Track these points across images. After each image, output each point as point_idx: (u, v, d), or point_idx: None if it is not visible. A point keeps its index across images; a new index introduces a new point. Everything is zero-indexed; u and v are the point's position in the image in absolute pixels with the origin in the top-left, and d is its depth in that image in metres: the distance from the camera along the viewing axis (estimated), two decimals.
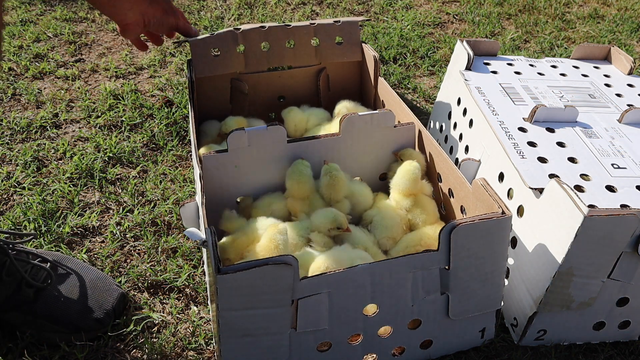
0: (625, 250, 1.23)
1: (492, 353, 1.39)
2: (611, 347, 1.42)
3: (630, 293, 1.32)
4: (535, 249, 1.32)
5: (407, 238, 1.49)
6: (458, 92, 1.85)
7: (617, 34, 3.01)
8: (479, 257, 1.21)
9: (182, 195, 1.86)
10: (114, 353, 1.40)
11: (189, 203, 1.35)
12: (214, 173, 1.51)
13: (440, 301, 1.26)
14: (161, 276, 1.58)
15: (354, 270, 1.15)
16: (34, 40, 2.79)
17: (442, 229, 1.16)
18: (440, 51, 2.78)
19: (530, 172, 1.40)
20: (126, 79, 2.51)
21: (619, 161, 1.48)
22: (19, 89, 2.40)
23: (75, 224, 1.74)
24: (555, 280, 1.26)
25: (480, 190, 1.27)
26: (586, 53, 2.07)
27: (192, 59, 1.81)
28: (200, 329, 1.45)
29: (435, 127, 2.06)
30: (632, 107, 1.65)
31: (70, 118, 2.24)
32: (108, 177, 1.94)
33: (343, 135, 1.58)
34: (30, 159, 2.00)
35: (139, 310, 1.50)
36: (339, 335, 1.23)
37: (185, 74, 2.10)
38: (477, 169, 1.46)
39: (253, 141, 1.51)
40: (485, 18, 3.14)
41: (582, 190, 1.36)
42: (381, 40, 2.83)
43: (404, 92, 2.48)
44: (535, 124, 1.61)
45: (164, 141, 2.10)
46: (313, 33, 1.93)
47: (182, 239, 1.70)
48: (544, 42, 2.89)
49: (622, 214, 1.18)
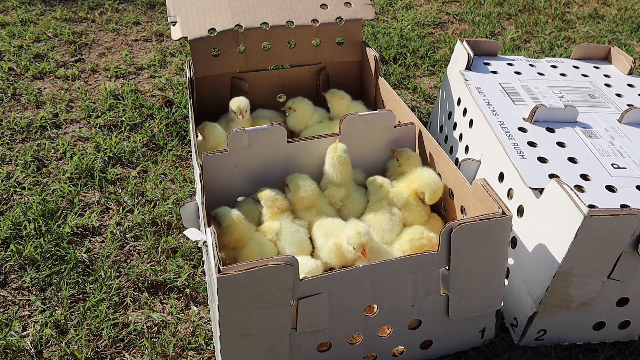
0: (625, 250, 1.23)
1: (492, 353, 1.39)
2: (611, 347, 1.42)
3: (630, 293, 1.32)
4: (535, 249, 1.32)
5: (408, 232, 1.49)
6: (458, 92, 1.85)
7: (617, 34, 3.01)
8: (479, 257, 1.21)
9: (182, 195, 1.86)
10: (114, 353, 1.40)
11: (189, 203, 1.35)
12: (214, 173, 1.51)
13: (440, 301, 1.26)
14: (161, 276, 1.58)
15: (354, 271, 1.15)
16: (34, 40, 2.79)
17: (442, 229, 1.16)
18: (440, 51, 2.78)
19: (530, 172, 1.40)
20: (126, 79, 2.51)
21: (619, 161, 1.48)
22: (19, 89, 2.40)
23: (75, 224, 1.74)
24: (555, 280, 1.26)
25: (480, 191, 1.27)
26: (586, 53, 2.07)
27: (192, 58, 1.81)
28: (200, 329, 1.45)
29: (435, 127, 2.06)
30: (632, 107, 1.65)
31: (70, 118, 2.24)
32: (108, 177, 1.94)
33: (343, 135, 1.58)
34: (30, 159, 2.00)
35: (139, 310, 1.50)
36: (339, 335, 1.23)
37: (185, 74, 2.10)
38: (477, 169, 1.46)
39: (253, 141, 1.51)
40: (485, 18, 3.14)
41: (582, 190, 1.36)
42: (381, 40, 2.83)
43: (404, 92, 2.48)
44: (535, 124, 1.61)
45: (164, 141, 2.10)
46: (315, 33, 1.93)
47: (182, 239, 1.70)
48: (544, 42, 2.89)
49: (622, 214, 1.18)
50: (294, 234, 1.45)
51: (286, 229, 1.46)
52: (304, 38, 1.93)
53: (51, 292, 1.53)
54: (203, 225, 1.27)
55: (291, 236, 1.45)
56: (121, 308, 1.51)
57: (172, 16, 1.82)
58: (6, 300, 1.52)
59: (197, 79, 1.82)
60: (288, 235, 1.45)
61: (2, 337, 1.41)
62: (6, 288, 1.56)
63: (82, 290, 1.55)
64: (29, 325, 1.46)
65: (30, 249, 1.63)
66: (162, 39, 2.87)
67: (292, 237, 1.45)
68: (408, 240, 1.45)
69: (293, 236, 1.45)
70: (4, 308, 1.51)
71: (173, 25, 1.82)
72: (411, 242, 1.45)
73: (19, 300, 1.53)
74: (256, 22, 1.85)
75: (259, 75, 1.97)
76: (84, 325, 1.45)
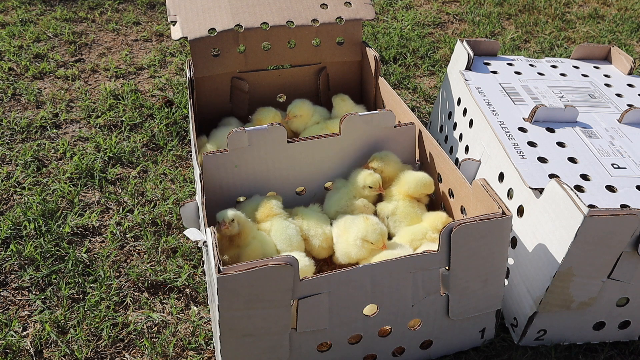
0: (625, 250, 1.23)
1: (492, 353, 1.39)
2: (611, 347, 1.42)
3: (630, 293, 1.32)
4: (535, 249, 1.32)
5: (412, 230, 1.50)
6: (458, 92, 1.85)
7: (617, 34, 3.01)
8: (479, 257, 1.21)
9: (182, 195, 1.86)
10: (114, 353, 1.40)
11: (189, 203, 1.35)
12: (214, 173, 1.51)
13: (440, 301, 1.26)
14: (161, 276, 1.58)
15: (354, 271, 1.15)
16: (34, 40, 2.79)
17: (442, 229, 1.16)
18: (440, 51, 2.78)
19: (530, 172, 1.40)
20: (126, 79, 2.51)
21: (619, 161, 1.48)
22: (19, 89, 2.40)
23: (75, 224, 1.74)
24: (555, 280, 1.26)
25: (480, 191, 1.27)
26: (586, 53, 2.07)
27: (192, 58, 1.81)
28: (200, 329, 1.45)
29: (435, 127, 2.06)
30: (632, 107, 1.65)
31: (70, 118, 2.24)
32: (108, 177, 1.94)
33: (343, 135, 1.58)
34: (30, 159, 2.00)
35: (139, 310, 1.50)
36: (339, 335, 1.23)
37: (185, 74, 2.10)
38: (477, 169, 1.46)
39: (253, 141, 1.51)
40: (485, 18, 3.14)
41: (582, 190, 1.36)
42: (381, 40, 2.83)
43: (404, 92, 2.48)
44: (535, 124, 1.61)
45: (164, 141, 2.10)
46: (315, 33, 1.93)
47: (182, 239, 1.70)
48: (544, 42, 2.89)
49: (622, 214, 1.18)
50: (284, 229, 1.46)
51: (276, 225, 1.47)
52: (304, 38, 1.93)
53: (51, 292, 1.53)
54: (203, 225, 1.27)
55: (281, 232, 1.46)
56: (121, 308, 1.51)
57: (172, 16, 1.82)
58: (6, 300, 1.53)
59: (197, 79, 1.82)
60: (278, 231, 1.46)
61: (2, 337, 1.41)
62: (6, 288, 1.56)
63: (82, 290, 1.55)
64: (29, 325, 1.46)
65: (30, 249, 1.63)
66: (162, 39, 2.87)
67: (282, 233, 1.46)
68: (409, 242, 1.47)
69: (283, 232, 1.46)
70: (4, 308, 1.51)
71: (173, 25, 1.82)
72: (412, 243, 1.47)
73: (19, 300, 1.53)
74: (256, 22, 1.85)
75: (259, 75, 1.97)
76: (84, 325, 1.45)
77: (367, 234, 1.40)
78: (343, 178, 1.64)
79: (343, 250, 1.46)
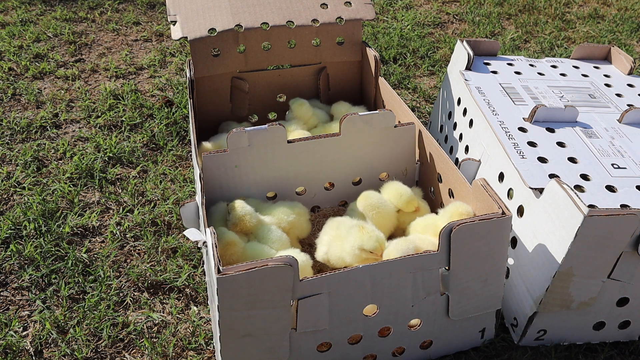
0: (625, 250, 1.23)
1: (492, 353, 1.39)
2: (611, 347, 1.42)
3: (630, 293, 1.32)
4: (535, 249, 1.32)
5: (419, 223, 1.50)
6: (458, 92, 1.85)
7: (617, 34, 3.01)
8: (479, 257, 1.21)
9: (182, 195, 1.86)
10: (114, 353, 1.40)
11: (189, 203, 1.35)
12: (214, 173, 1.51)
13: (440, 301, 1.26)
14: (161, 276, 1.58)
15: (354, 271, 1.15)
16: (34, 40, 2.79)
17: (442, 229, 1.16)
18: (440, 51, 2.78)
19: (530, 172, 1.40)
20: (126, 79, 2.51)
21: (619, 161, 1.48)
22: (19, 89, 2.40)
23: (75, 224, 1.74)
24: (555, 280, 1.26)
25: (480, 191, 1.27)
26: (586, 53, 2.07)
27: (192, 58, 1.81)
28: (200, 329, 1.45)
29: (435, 127, 2.06)
30: (632, 107, 1.65)
31: (70, 118, 2.24)
32: (108, 177, 1.94)
33: (343, 135, 1.58)
34: (30, 159, 2.00)
35: (139, 310, 1.50)
36: (339, 335, 1.23)
37: (185, 74, 2.10)
38: (477, 169, 1.46)
39: (253, 141, 1.51)
40: (485, 18, 3.14)
41: (582, 190, 1.36)
42: (381, 40, 2.83)
43: (404, 92, 2.48)
44: (535, 124, 1.61)
45: (164, 141, 2.10)
46: (315, 33, 1.93)
47: (182, 239, 1.70)
48: (544, 42, 2.89)
49: (622, 214, 1.18)
50: (269, 233, 1.44)
51: (261, 232, 1.44)
52: (304, 38, 1.93)
53: (51, 292, 1.53)
54: (203, 225, 1.27)
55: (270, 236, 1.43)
56: (121, 308, 1.51)
57: (172, 16, 1.82)
58: (6, 300, 1.53)
59: (197, 79, 1.82)
60: (265, 237, 1.43)
61: (2, 337, 1.41)
62: (6, 288, 1.56)
63: (82, 290, 1.55)
64: (29, 325, 1.46)
65: (30, 249, 1.63)
66: (162, 39, 2.87)
67: (270, 236, 1.43)
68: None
69: (271, 235, 1.43)
70: (3, 308, 1.51)
71: (173, 25, 1.82)
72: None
73: (19, 300, 1.53)
74: (256, 22, 1.85)
75: (259, 75, 1.97)
76: (84, 325, 1.45)
77: (363, 243, 1.35)
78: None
79: (337, 254, 1.41)
